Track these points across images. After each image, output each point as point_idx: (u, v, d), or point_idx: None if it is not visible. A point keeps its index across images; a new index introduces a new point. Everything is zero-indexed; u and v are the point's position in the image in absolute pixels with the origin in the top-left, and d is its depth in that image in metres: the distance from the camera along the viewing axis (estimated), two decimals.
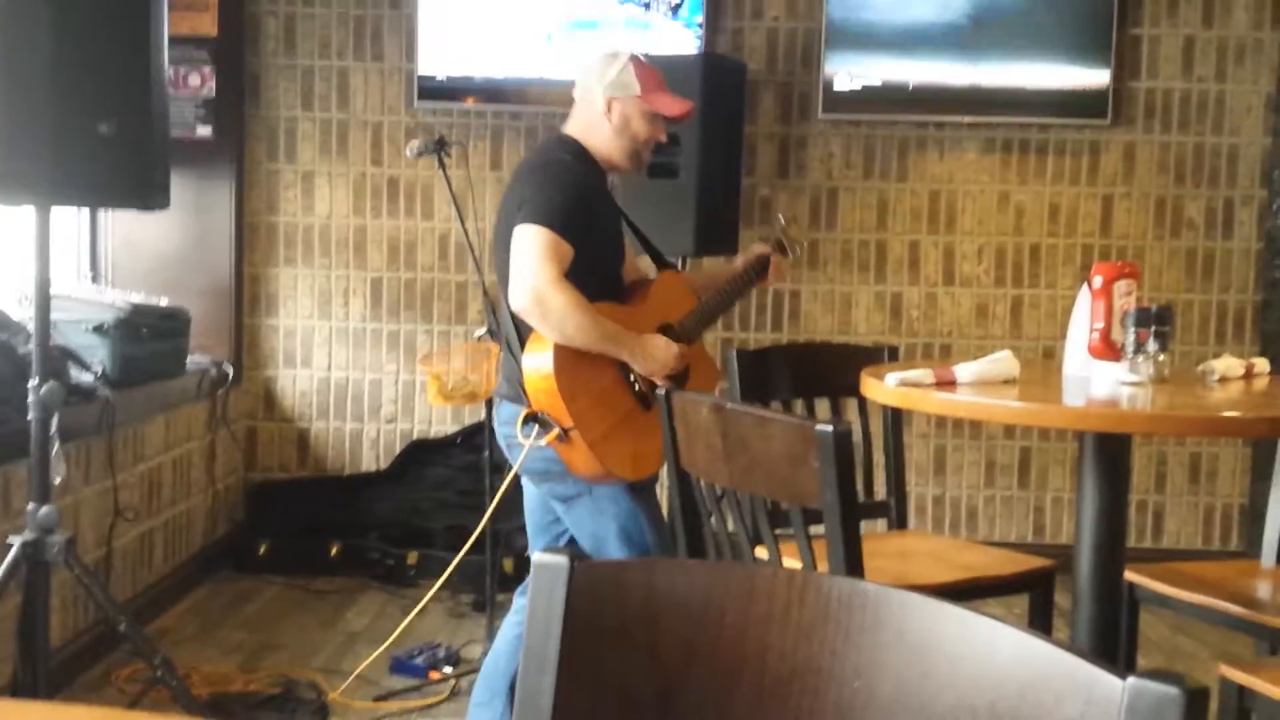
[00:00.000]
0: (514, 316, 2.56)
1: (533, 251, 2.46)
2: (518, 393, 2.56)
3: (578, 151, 2.66)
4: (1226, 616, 2.29)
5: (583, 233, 2.53)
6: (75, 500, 3.29)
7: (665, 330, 2.70)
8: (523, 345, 2.57)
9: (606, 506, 2.59)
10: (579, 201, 2.55)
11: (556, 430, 2.48)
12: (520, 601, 2.79)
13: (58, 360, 3.05)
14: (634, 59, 2.69)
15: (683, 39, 4.41)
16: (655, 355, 2.57)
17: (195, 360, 4.15)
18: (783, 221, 3.10)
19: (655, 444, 2.54)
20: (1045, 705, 0.79)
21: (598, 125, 2.65)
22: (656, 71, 2.72)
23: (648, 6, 4.41)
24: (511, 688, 2.59)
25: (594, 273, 2.58)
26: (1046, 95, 4.49)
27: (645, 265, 2.97)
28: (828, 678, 0.89)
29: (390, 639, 3.22)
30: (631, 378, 2.62)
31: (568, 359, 2.52)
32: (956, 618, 0.85)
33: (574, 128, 2.70)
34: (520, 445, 2.54)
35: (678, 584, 0.96)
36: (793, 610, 0.91)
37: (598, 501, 2.60)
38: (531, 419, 2.51)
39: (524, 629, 0.96)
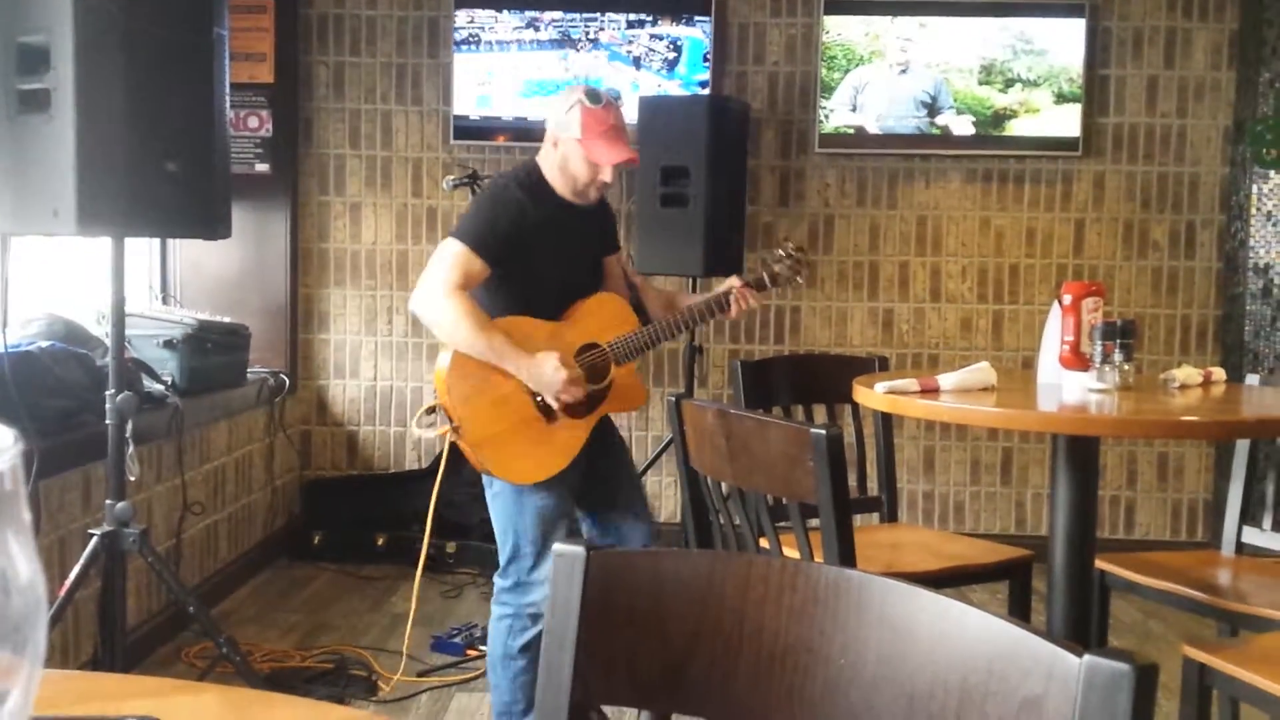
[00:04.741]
0: None
1: (442, 262, 2.41)
2: None
3: (529, 182, 2.51)
4: (1190, 601, 2.27)
5: (510, 255, 2.44)
6: (148, 496, 3.32)
7: (589, 349, 2.54)
8: None
9: (509, 504, 2.49)
10: (508, 228, 2.44)
11: (448, 426, 2.42)
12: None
13: (132, 372, 3.07)
14: (584, 103, 2.47)
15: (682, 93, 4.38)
16: (541, 377, 2.41)
17: (255, 371, 4.18)
18: (787, 251, 2.79)
19: (548, 452, 2.45)
20: (1012, 680, 0.78)
21: (548, 157, 2.54)
22: (610, 115, 2.48)
23: (638, 64, 4.39)
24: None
25: (523, 290, 2.50)
26: (1023, 130, 4.48)
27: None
28: (817, 656, 0.89)
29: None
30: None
31: (467, 363, 2.43)
32: (931, 602, 0.84)
33: (540, 155, 2.57)
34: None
35: (682, 571, 0.96)
36: (785, 594, 0.91)
37: (505, 497, 2.49)
38: (432, 410, 2.46)
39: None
